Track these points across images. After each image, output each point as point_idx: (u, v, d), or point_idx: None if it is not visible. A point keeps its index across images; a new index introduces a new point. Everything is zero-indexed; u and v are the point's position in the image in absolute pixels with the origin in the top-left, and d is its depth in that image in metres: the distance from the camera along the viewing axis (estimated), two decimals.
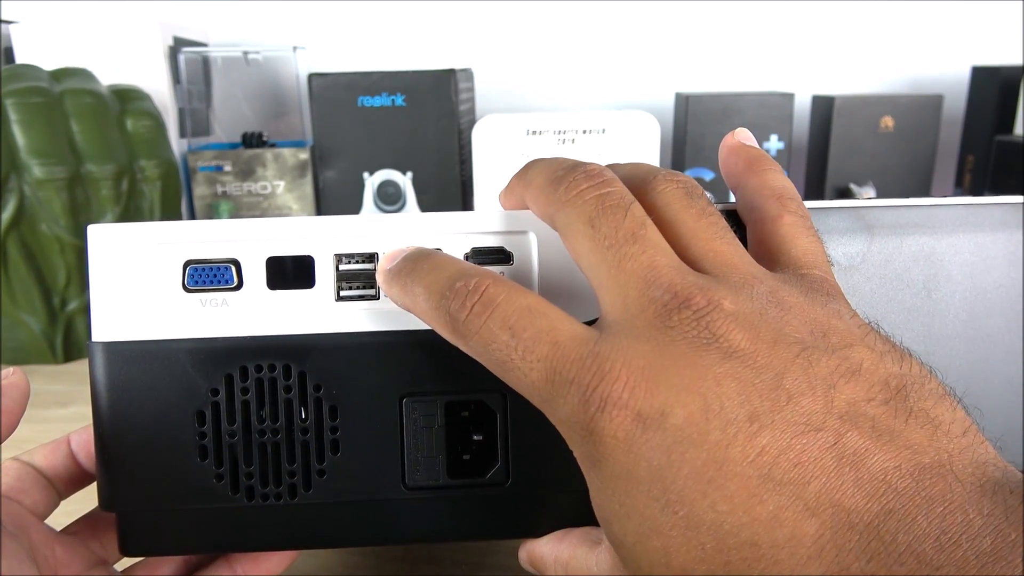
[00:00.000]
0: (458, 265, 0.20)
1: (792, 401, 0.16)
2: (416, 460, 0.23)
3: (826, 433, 0.15)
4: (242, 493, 0.23)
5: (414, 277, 0.20)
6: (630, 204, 0.19)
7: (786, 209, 0.21)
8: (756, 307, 0.17)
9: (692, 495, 0.16)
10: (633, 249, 0.18)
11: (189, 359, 0.22)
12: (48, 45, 0.62)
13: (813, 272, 0.20)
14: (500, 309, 0.18)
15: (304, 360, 0.22)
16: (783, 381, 0.16)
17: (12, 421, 0.22)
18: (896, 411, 0.16)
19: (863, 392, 0.16)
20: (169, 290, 0.22)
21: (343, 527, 0.23)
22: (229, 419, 0.22)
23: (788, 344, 0.17)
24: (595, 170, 0.20)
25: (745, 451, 0.15)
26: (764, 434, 0.15)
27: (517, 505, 0.24)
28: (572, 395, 0.17)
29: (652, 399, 0.16)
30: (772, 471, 0.15)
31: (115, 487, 0.23)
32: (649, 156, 0.56)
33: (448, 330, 0.19)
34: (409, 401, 0.23)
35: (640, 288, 0.18)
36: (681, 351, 0.17)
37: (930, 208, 0.24)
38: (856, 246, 0.24)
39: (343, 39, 0.80)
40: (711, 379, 0.16)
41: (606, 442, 0.16)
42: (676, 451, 0.16)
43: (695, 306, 0.17)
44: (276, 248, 0.23)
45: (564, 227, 0.20)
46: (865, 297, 0.24)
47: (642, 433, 0.16)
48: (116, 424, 0.22)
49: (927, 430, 0.16)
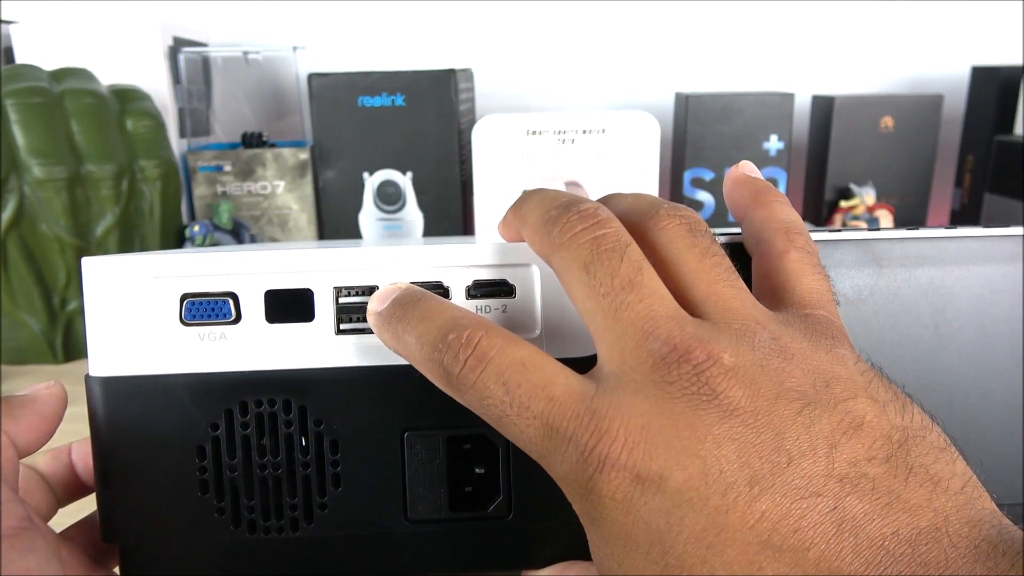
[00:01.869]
0: (450, 312, 0.19)
1: (792, 463, 0.16)
2: (418, 493, 0.23)
3: (826, 498, 0.15)
4: (244, 526, 0.22)
5: (404, 325, 0.20)
6: (626, 247, 0.19)
7: (793, 244, 0.21)
8: (757, 358, 0.17)
9: (691, 560, 0.15)
10: (630, 297, 0.18)
11: (188, 394, 0.22)
12: (48, 45, 0.62)
13: (818, 312, 0.19)
14: (494, 363, 0.18)
15: (304, 394, 0.22)
16: (783, 441, 0.16)
17: (50, 428, 0.23)
18: (896, 469, 0.16)
19: (864, 450, 0.16)
20: (166, 324, 0.22)
21: (345, 560, 0.23)
22: (230, 454, 0.22)
23: (789, 400, 0.16)
24: (589, 210, 0.19)
25: (745, 517, 0.15)
26: (764, 499, 0.15)
27: (519, 538, 0.23)
28: (570, 453, 0.17)
29: (651, 461, 0.16)
30: (772, 537, 0.15)
31: (116, 520, 0.22)
32: (649, 156, 0.56)
33: (443, 383, 0.19)
34: (411, 435, 0.22)
35: (637, 339, 0.17)
36: (680, 410, 0.16)
37: (938, 240, 0.24)
38: (864, 279, 0.23)
39: (343, 39, 0.80)
40: (710, 441, 0.16)
41: (604, 502, 0.16)
42: (675, 515, 0.16)
43: (694, 360, 0.17)
44: (275, 281, 0.22)
45: (560, 270, 0.19)
46: (873, 330, 0.24)
47: (640, 495, 0.16)
48: (116, 458, 0.22)
49: (926, 489, 0.16)
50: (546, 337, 0.22)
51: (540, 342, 0.22)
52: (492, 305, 0.22)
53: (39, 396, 0.23)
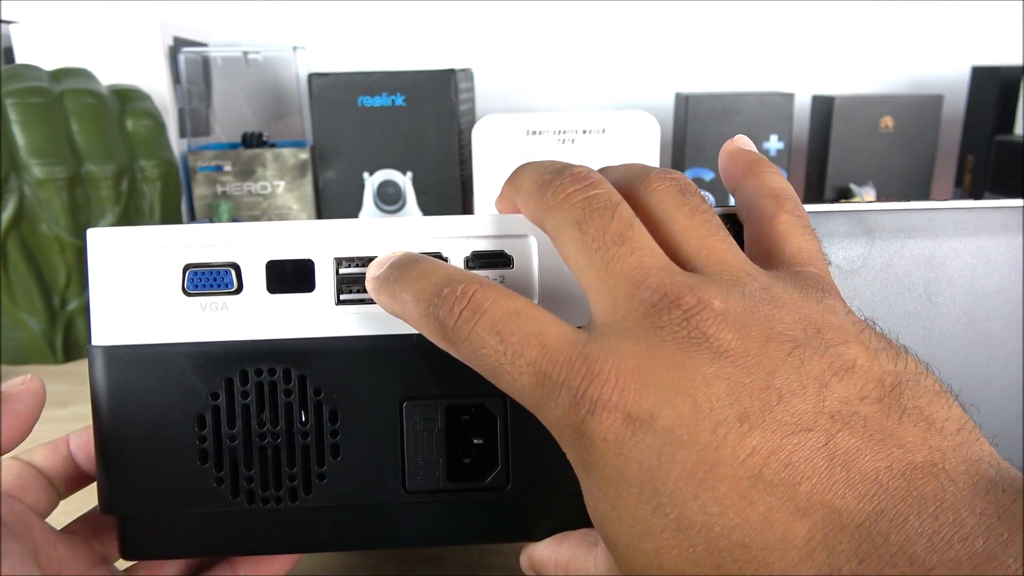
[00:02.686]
0: (445, 271, 0.20)
1: (783, 401, 0.16)
2: (416, 464, 0.23)
3: (817, 433, 0.15)
4: (242, 497, 0.23)
5: (402, 284, 0.20)
6: (617, 205, 0.19)
7: (782, 208, 0.21)
8: (747, 305, 0.17)
9: (682, 497, 0.16)
10: (621, 250, 0.18)
11: (189, 363, 0.22)
12: (48, 45, 0.62)
13: (808, 269, 0.20)
14: (488, 314, 0.18)
15: (304, 364, 0.22)
16: (773, 380, 0.16)
17: (26, 426, 0.22)
18: (889, 409, 0.16)
19: (856, 390, 0.16)
20: (169, 294, 0.22)
21: (343, 531, 0.23)
22: (229, 423, 0.22)
23: (779, 342, 0.17)
24: (582, 172, 0.20)
25: (735, 452, 0.15)
26: (754, 434, 0.15)
27: (517, 509, 0.24)
28: (562, 398, 0.17)
29: (641, 401, 0.16)
30: (762, 472, 0.15)
31: (115, 491, 0.23)
32: (649, 156, 0.56)
33: (438, 336, 0.19)
34: (409, 405, 0.23)
35: (628, 289, 0.18)
36: (670, 351, 0.17)
37: (931, 212, 0.24)
38: (857, 250, 0.24)
39: (343, 39, 0.80)
40: (700, 380, 0.16)
41: (596, 444, 0.16)
42: (666, 452, 0.16)
43: (684, 306, 0.17)
44: (276, 252, 0.23)
45: (553, 230, 0.20)
46: (866, 301, 0.24)
47: (632, 435, 0.16)
48: (116, 428, 0.22)
49: (920, 428, 0.16)
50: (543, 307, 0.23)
51: None
52: (490, 276, 0.23)
53: (14, 393, 0.22)
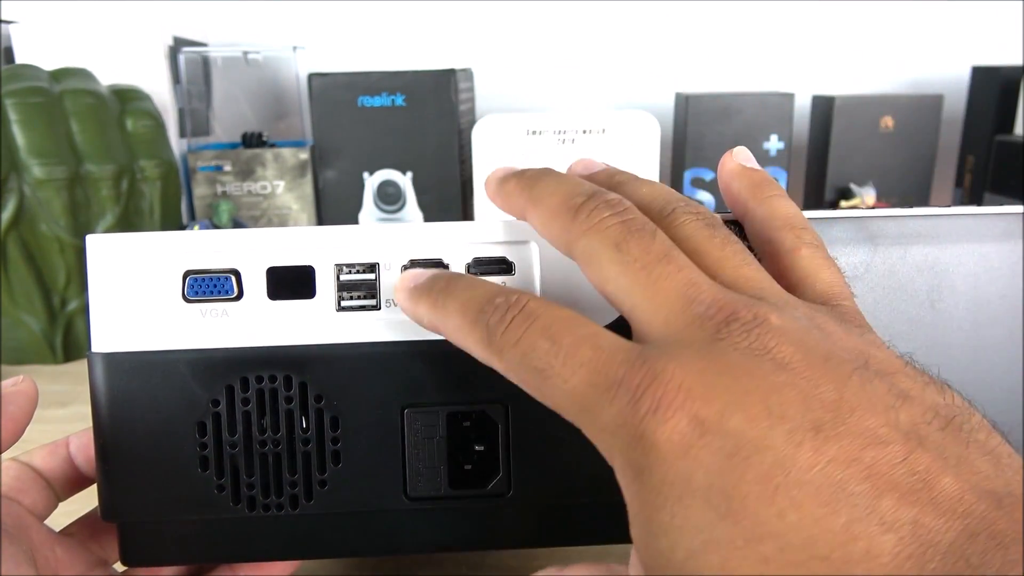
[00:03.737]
0: (496, 285, 0.20)
1: (855, 414, 0.15)
2: (417, 471, 0.23)
3: (895, 447, 0.15)
4: (243, 504, 0.23)
5: (447, 294, 0.20)
6: (655, 230, 0.19)
7: (802, 241, 0.20)
8: (800, 326, 0.17)
9: (757, 503, 0.14)
10: (668, 268, 0.18)
11: (189, 370, 0.22)
12: (48, 45, 0.62)
13: (843, 303, 0.19)
14: (541, 320, 0.18)
15: (305, 371, 0.22)
16: (844, 394, 0.15)
17: (18, 428, 0.22)
18: (956, 438, 0.15)
19: (919, 416, 0.15)
20: (169, 300, 0.22)
21: (344, 537, 0.23)
22: (230, 430, 0.22)
23: (840, 362, 0.16)
24: (615, 199, 0.19)
25: (814, 459, 0.15)
26: (831, 444, 0.15)
27: (518, 515, 0.23)
28: (620, 397, 0.16)
29: (709, 402, 0.15)
30: (843, 481, 0.14)
31: (116, 497, 0.23)
32: (649, 156, 0.56)
33: (483, 344, 0.19)
34: (410, 411, 0.23)
35: (681, 305, 0.17)
36: (735, 360, 0.16)
37: (933, 218, 0.24)
38: (859, 256, 0.24)
39: (343, 39, 0.80)
40: (770, 386, 0.15)
41: (659, 447, 0.15)
42: (739, 456, 0.15)
43: (743, 319, 0.16)
44: (276, 258, 0.22)
45: (585, 254, 0.19)
46: (868, 307, 0.24)
47: (700, 437, 0.15)
48: (117, 434, 0.22)
49: (990, 459, 0.15)
50: None
51: None
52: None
53: (6, 395, 0.22)
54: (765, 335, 0.16)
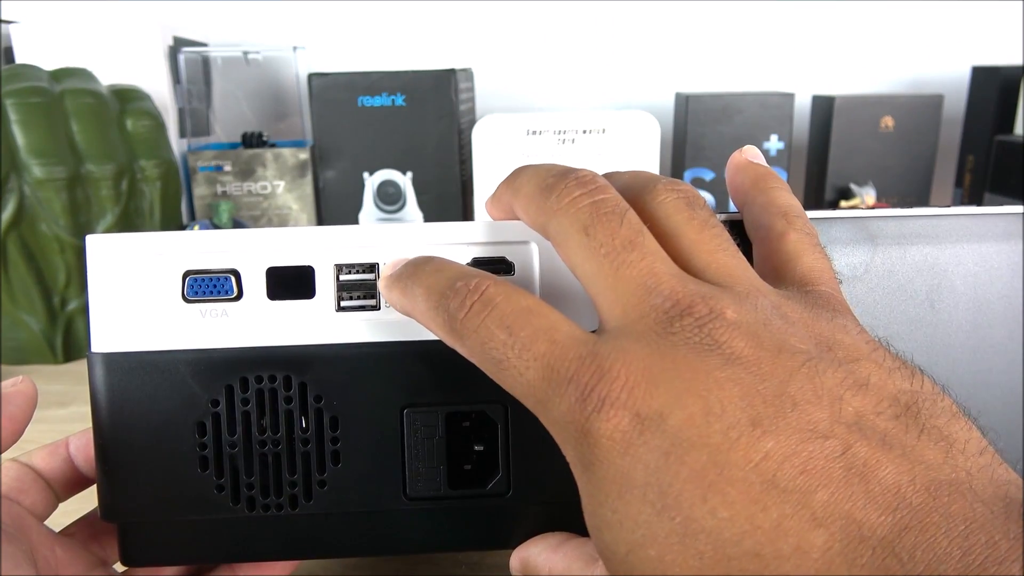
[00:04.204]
0: (458, 267, 0.20)
1: (797, 408, 0.15)
2: (417, 471, 0.23)
3: (834, 441, 0.15)
4: (243, 504, 0.23)
5: (415, 279, 0.20)
6: (625, 211, 0.19)
7: (792, 226, 0.21)
8: (759, 317, 0.17)
9: (691, 500, 0.15)
10: (631, 256, 0.18)
11: (189, 370, 0.22)
12: (48, 45, 0.62)
13: (819, 288, 0.19)
14: (499, 308, 0.18)
15: (305, 371, 0.22)
16: (787, 388, 0.16)
17: (18, 428, 0.22)
18: (907, 427, 0.15)
19: (871, 405, 0.16)
20: (169, 300, 0.22)
21: (344, 537, 0.23)
22: (230, 430, 0.22)
23: (792, 354, 0.16)
24: (587, 176, 0.19)
25: (748, 455, 0.15)
26: (768, 439, 0.15)
27: (518, 515, 0.23)
28: (569, 394, 0.16)
29: (651, 400, 0.16)
30: (776, 477, 0.15)
31: (116, 497, 0.23)
32: (649, 156, 0.56)
33: (446, 329, 0.19)
34: (410, 412, 0.23)
35: (640, 295, 0.17)
36: (682, 355, 0.16)
37: (934, 218, 0.24)
38: (859, 256, 0.24)
39: (343, 39, 0.80)
40: (712, 382, 0.16)
41: (601, 443, 0.16)
42: (675, 453, 0.15)
43: (696, 313, 0.17)
44: (276, 258, 0.22)
45: (557, 235, 0.19)
46: (868, 308, 0.24)
47: (640, 435, 0.16)
48: (116, 434, 0.22)
49: (941, 447, 0.15)
50: None
51: None
52: None
53: (5, 395, 0.22)
54: (717, 329, 0.16)
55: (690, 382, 0.16)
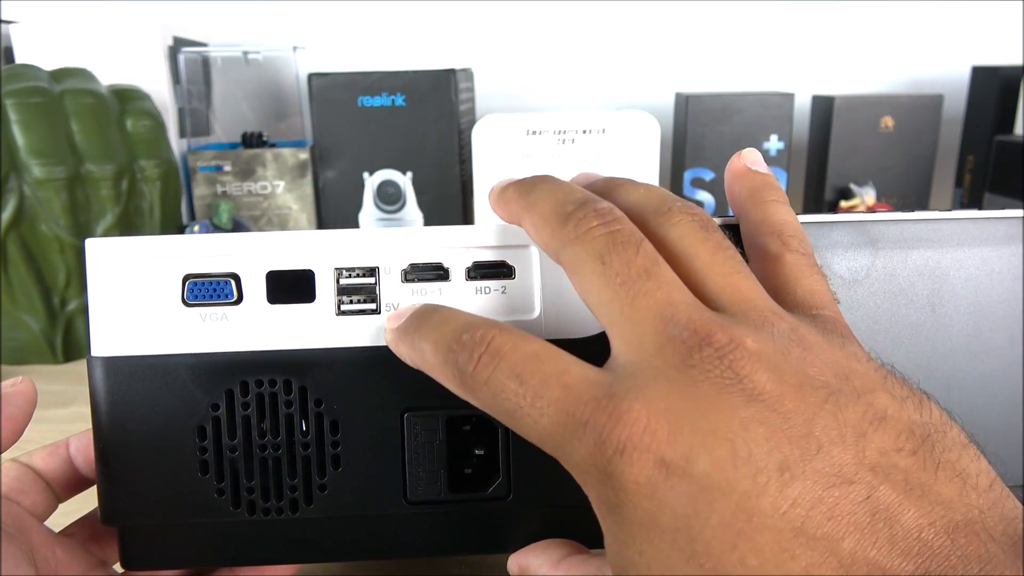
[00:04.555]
0: (463, 317, 0.20)
1: (823, 450, 0.15)
2: (417, 475, 0.23)
3: (859, 486, 0.15)
4: (243, 508, 0.23)
5: (421, 334, 0.20)
6: (641, 241, 0.18)
7: (787, 247, 0.20)
8: (778, 346, 0.17)
9: (720, 547, 0.15)
10: (648, 285, 0.18)
11: (189, 374, 0.22)
12: (48, 45, 0.62)
13: (823, 312, 0.19)
14: (508, 358, 0.18)
15: (305, 375, 0.22)
16: (812, 428, 0.15)
17: (17, 428, 0.22)
18: (925, 463, 0.15)
19: (891, 441, 0.16)
20: (169, 304, 0.22)
21: (344, 541, 0.23)
22: (230, 434, 0.22)
23: (814, 388, 0.16)
24: (605, 208, 0.19)
25: (776, 502, 0.15)
26: (795, 485, 0.15)
27: (518, 519, 0.23)
28: (587, 438, 0.16)
29: (676, 443, 0.15)
30: (805, 525, 0.15)
31: (116, 501, 0.23)
32: (649, 156, 0.56)
33: (457, 384, 0.19)
34: (410, 416, 0.23)
35: (657, 325, 0.17)
36: (704, 392, 0.16)
37: (934, 222, 0.24)
38: (860, 260, 0.24)
39: (343, 39, 0.80)
40: (737, 423, 0.15)
41: (627, 487, 0.16)
42: (703, 499, 0.15)
43: (716, 344, 0.16)
44: (276, 262, 0.22)
45: (571, 263, 0.19)
46: (869, 312, 0.24)
47: (666, 479, 0.15)
48: (116, 438, 0.22)
49: (956, 484, 0.15)
50: (545, 318, 0.23)
51: (539, 323, 0.23)
52: (492, 286, 0.23)
53: (5, 395, 0.22)
54: (738, 361, 0.16)
55: (714, 423, 0.16)
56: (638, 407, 0.16)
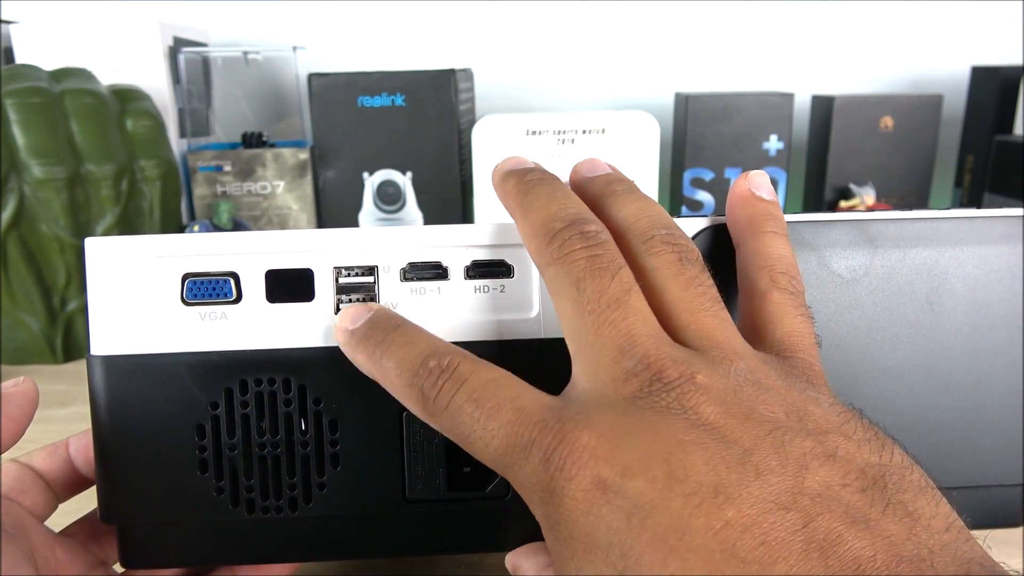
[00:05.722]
0: (430, 341, 0.20)
1: (761, 477, 0.15)
2: (416, 473, 0.23)
3: (795, 513, 0.15)
4: (242, 506, 0.23)
5: (384, 350, 0.20)
6: (618, 269, 0.19)
7: (775, 285, 0.20)
8: (731, 383, 0.17)
9: (650, 563, 0.15)
10: (614, 315, 0.18)
11: (188, 373, 0.22)
12: (48, 45, 0.62)
13: (798, 356, 0.19)
14: (468, 383, 0.18)
15: (304, 373, 0.22)
16: (752, 457, 0.16)
17: (18, 428, 0.23)
18: (873, 500, 0.15)
19: (838, 477, 0.16)
20: (168, 303, 0.22)
21: (343, 540, 0.23)
22: (229, 433, 0.22)
23: (760, 422, 0.16)
24: (591, 231, 0.19)
25: (709, 523, 0.15)
26: (729, 507, 0.15)
27: (517, 518, 0.23)
28: (533, 456, 0.17)
29: (614, 462, 0.16)
30: (736, 547, 0.15)
31: (115, 500, 0.23)
32: (649, 156, 0.56)
33: (419, 407, 0.19)
34: (409, 414, 0.23)
35: (614, 356, 0.18)
36: (647, 418, 0.16)
37: (933, 221, 0.24)
38: (859, 259, 0.24)
39: (343, 39, 0.80)
40: (676, 445, 0.16)
41: (565, 503, 0.16)
42: (637, 516, 0.15)
43: (666, 379, 0.17)
44: (275, 261, 0.22)
45: (551, 283, 0.20)
46: (867, 311, 0.24)
47: (602, 496, 0.16)
48: (116, 437, 0.22)
49: (905, 523, 0.15)
50: (544, 317, 0.23)
51: (538, 321, 0.23)
52: (490, 285, 0.23)
53: (6, 395, 0.23)
54: (686, 394, 0.16)
55: (653, 445, 0.16)
56: (581, 428, 0.16)
